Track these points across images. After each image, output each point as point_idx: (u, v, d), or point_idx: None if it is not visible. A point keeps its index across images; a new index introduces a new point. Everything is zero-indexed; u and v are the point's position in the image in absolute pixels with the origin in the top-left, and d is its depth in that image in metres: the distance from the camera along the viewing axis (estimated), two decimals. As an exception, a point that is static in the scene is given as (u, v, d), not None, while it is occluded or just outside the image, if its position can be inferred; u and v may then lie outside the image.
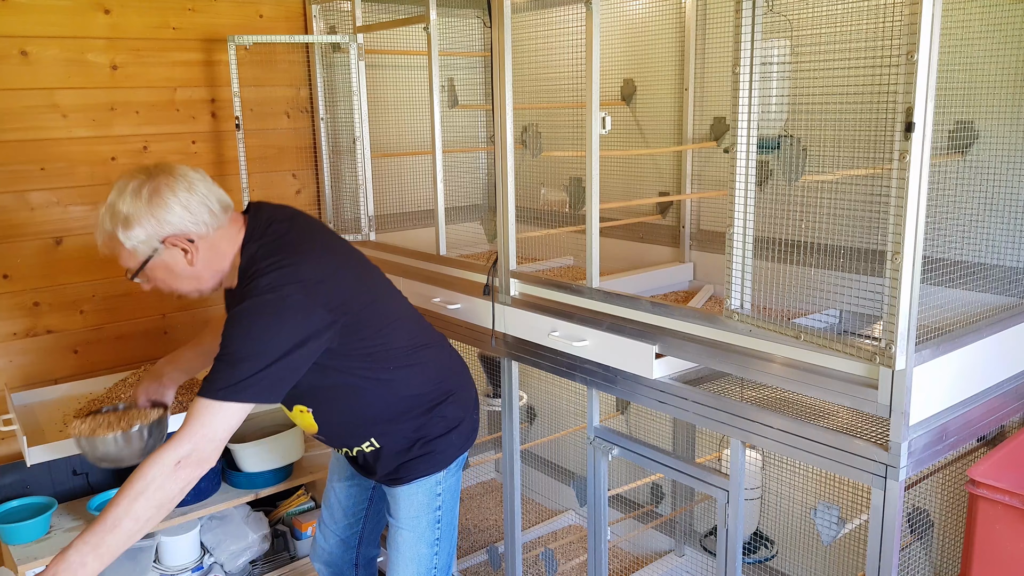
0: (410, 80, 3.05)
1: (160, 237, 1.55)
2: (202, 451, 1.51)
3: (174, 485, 1.50)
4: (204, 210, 1.57)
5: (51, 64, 2.46)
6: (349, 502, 2.08)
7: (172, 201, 1.54)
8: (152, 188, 1.53)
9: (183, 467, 1.50)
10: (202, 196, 1.57)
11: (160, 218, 1.53)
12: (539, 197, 2.71)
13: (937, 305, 1.63)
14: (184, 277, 1.62)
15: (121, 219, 1.53)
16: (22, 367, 2.53)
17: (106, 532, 1.45)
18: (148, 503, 1.48)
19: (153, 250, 1.57)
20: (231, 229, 1.64)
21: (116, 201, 1.54)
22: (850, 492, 2.01)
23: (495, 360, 2.65)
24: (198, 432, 1.50)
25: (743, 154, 1.57)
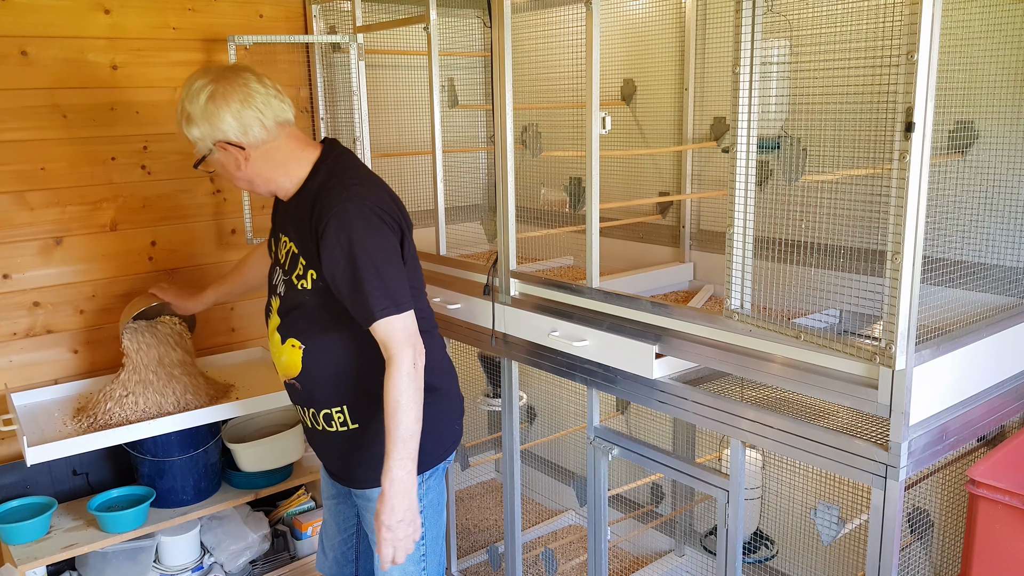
0: (410, 80, 3.05)
1: (213, 140, 1.66)
2: (416, 347, 1.65)
3: (419, 381, 1.65)
4: (256, 124, 1.65)
5: (51, 64, 2.46)
6: (339, 518, 2.03)
7: (224, 111, 1.63)
8: (209, 94, 1.63)
9: (417, 366, 1.65)
10: (256, 111, 1.65)
11: (213, 124, 1.64)
12: (539, 197, 2.71)
13: (937, 305, 1.63)
14: (236, 177, 1.73)
15: (184, 116, 1.66)
16: (22, 367, 2.53)
17: (401, 444, 1.62)
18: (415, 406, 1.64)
19: (208, 149, 1.68)
20: (291, 145, 1.72)
21: (184, 97, 1.66)
22: (850, 492, 2.01)
23: (495, 360, 2.65)
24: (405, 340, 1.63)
25: (743, 154, 1.57)
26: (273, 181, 1.74)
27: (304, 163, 1.73)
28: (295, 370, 1.78)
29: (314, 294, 1.70)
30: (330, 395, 1.77)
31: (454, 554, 2.77)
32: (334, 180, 1.68)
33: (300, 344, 1.75)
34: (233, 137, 1.66)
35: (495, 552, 2.67)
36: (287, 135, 1.71)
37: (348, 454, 1.82)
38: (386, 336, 1.63)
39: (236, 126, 1.65)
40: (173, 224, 2.75)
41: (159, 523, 2.41)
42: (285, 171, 1.72)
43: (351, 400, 1.77)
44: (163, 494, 2.47)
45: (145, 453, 2.44)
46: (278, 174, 1.72)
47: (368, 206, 1.64)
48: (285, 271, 1.75)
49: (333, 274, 1.63)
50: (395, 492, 1.61)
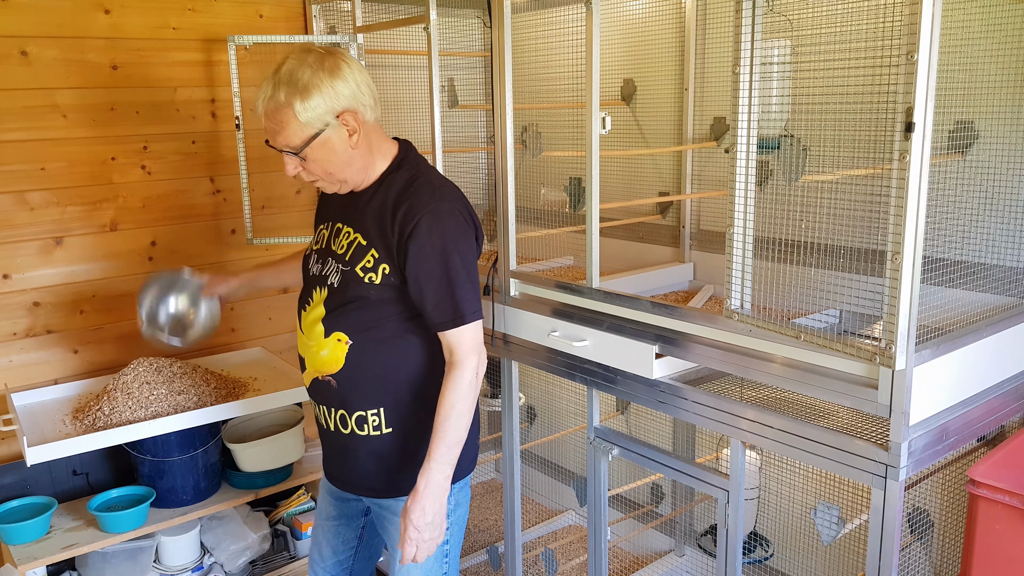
0: (410, 80, 3.05)
1: (336, 111, 1.57)
2: (482, 356, 1.67)
3: (476, 391, 1.66)
4: (371, 95, 1.62)
5: (51, 64, 2.46)
6: (337, 541, 1.95)
7: (351, 77, 1.57)
8: (333, 62, 1.57)
9: (479, 376, 1.66)
10: (369, 80, 1.62)
11: (339, 91, 1.56)
12: (539, 197, 2.71)
13: (937, 305, 1.63)
14: (339, 162, 1.63)
15: (301, 88, 1.54)
16: (22, 367, 2.53)
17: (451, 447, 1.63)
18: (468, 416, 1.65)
19: (325, 124, 1.58)
20: (381, 134, 1.70)
21: (296, 70, 1.55)
22: (850, 492, 2.01)
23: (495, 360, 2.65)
24: (473, 349, 1.64)
25: (743, 154, 1.57)
26: (367, 168, 1.68)
27: (388, 154, 1.70)
28: (335, 366, 1.70)
29: (381, 289, 1.65)
30: (369, 396, 1.70)
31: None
32: (422, 179, 1.66)
33: (347, 339, 1.68)
34: (355, 106, 1.59)
35: (495, 552, 2.67)
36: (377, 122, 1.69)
37: (375, 461, 1.75)
38: (458, 341, 1.62)
39: (358, 94, 1.59)
40: (173, 224, 2.75)
41: (159, 523, 2.41)
42: (378, 157, 1.69)
43: (389, 403, 1.71)
44: (163, 494, 2.47)
45: (145, 453, 2.44)
46: (372, 159, 1.68)
47: (460, 210, 1.64)
48: (345, 262, 1.68)
49: (418, 273, 1.60)
50: (430, 494, 1.60)
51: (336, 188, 1.70)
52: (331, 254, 1.72)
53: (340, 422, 1.74)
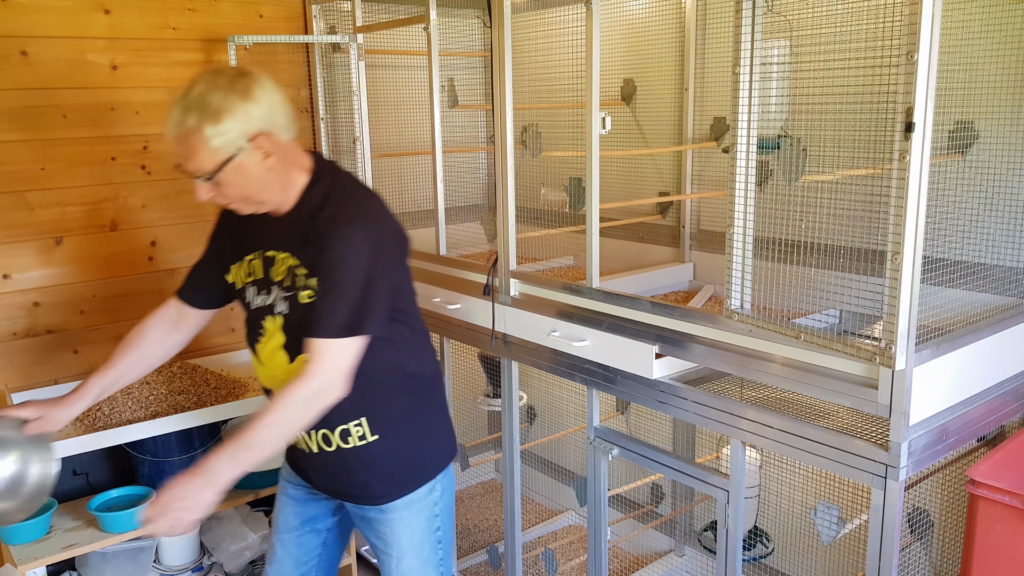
0: (410, 80, 3.05)
1: (249, 134, 1.51)
2: (335, 384, 1.54)
3: (307, 416, 1.54)
4: (285, 114, 1.56)
5: (51, 64, 2.46)
6: (300, 551, 1.89)
7: (263, 98, 1.51)
8: (245, 84, 1.51)
9: (317, 400, 1.53)
10: (283, 100, 1.56)
11: (251, 113, 1.50)
12: (539, 197, 2.71)
13: (937, 305, 1.63)
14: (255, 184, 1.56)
15: (211, 112, 1.47)
16: (22, 367, 2.53)
17: (243, 449, 1.52)
18: (282, 431, 1.55)
19: (238, 148, 1.51)
20: (297, 150, 1.63)
21: (206, 93, 1.48)
22: (850, 492, 2.01)
23: (495, 360, 2.65)
24: (330, 368, 1.53)
25: (743, 154, 1.57)
26: (283, 188, 1.61)
27: (305, 170, 1.63)
28: None
29: None
30: (348, 409, 1.65)
31: (454, 554, 2.77)
32: (340, 190, 1.61)
33: None
34: (268, 127, 1.52)
35: (495, 552, 2.67)
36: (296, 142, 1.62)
37: (367, 469, 1.72)
38: (321, 353, 1.52)
39: (272, 115, 1.53)
40: (173, 224, 2.75)
41: (159, 523, 2.41)
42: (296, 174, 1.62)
43: (370, 411, 1.68)
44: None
45: (145, 453, 2.44)
46: (289, 179, 1.61)
47: (378, 220, 1.59)
48: (287, 288, 1.63)
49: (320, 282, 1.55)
50: (198, 474, 1.50)
51: (253, 210, 1.63)
52: (272, 283, 1.66)
53: (323, 441, 1.71)
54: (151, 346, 1.83)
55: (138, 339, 1.83)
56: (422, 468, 1.76)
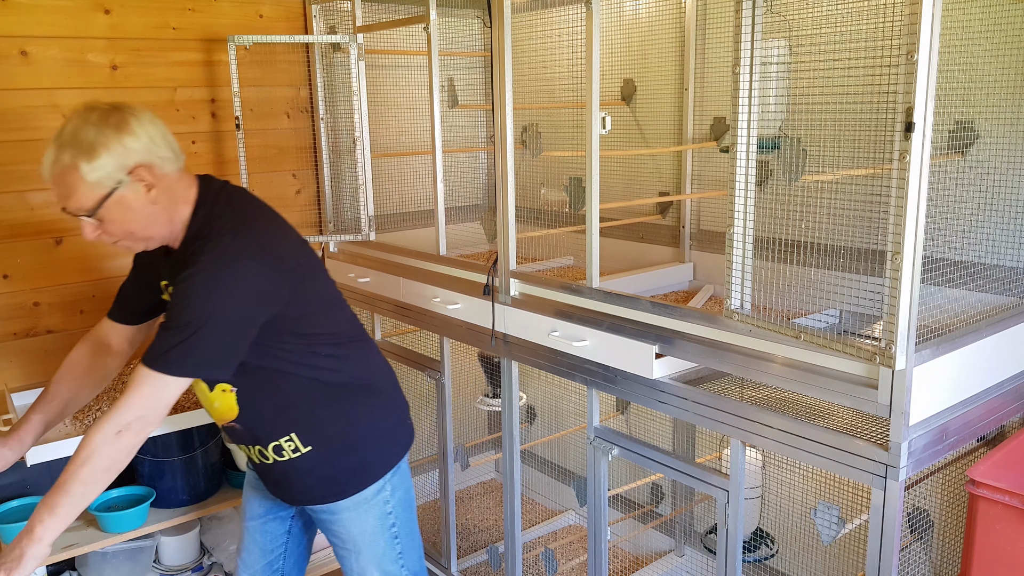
0: (410, 80, 3.05)
1: (127, 167, 1.47)
2: (145, 419, 1.50)
3: (117, 452, 1.50)
4: (167, 145, 1.52)
5: (51, 64, 2.46)
6: (265, 539, 1.93)
7: (139, 130, 1.48)
8: (119, 117, 1.48)
9: (125, 434, 1.49)
10: (164, 132, 1.53)
11: (128, 146, 1.47)
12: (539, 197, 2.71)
13: (937, 305, 1.63)
14: (140, 219, 1.53)
15: (86, 147, 1.45)
16: (22, 367, 2.53)
17: (60, 495, 1.48)
18: (94, 469, 1.49)
19: (117, 183, 1.48)
20: (185, 181, 1.58)
21: (79, 130, 1.46)
22: (850, 492, 2.01)
23: (495, 360, 2.65)
24: (140, 402, 1.49)
25: (743, 154, 1.57)
26: (171, 223, 1.57)
27: (190, 202, 1.59)
28: (232, 413, 1.69)
29: None
30: (276, 427, 1.69)
31: (454, 554, 2.77)
32: (214, 223, 1.55)
33: (230, 386, 1.66)
34: (148, 159, 1.49)
35: (495, 552, 2.67)
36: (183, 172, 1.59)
37: (307, 476, 1.74)
38: (138, 383, 1.48)
39: (152, 147, 1.49)
40: (173, 224, 2.74)
41: (159, 523, 2.41)
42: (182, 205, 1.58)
43: (298, 426, 1.69)
44: (163, 494, 2.47)
45: (145, 453, 2.44)
46: (177, 212, 1.57)
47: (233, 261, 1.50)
48: None
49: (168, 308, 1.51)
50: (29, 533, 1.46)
51: (143, 247, 1.61)
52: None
53: (260, 455, 1.74)
54: (86, 374, 1.81)
55: (73, 368, 1.81)
56: (364, 471, 1.76)
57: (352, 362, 1.74)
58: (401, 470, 1.83)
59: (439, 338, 2.59)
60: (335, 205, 3.00)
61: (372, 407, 1.78)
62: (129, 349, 1.87)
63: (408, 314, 2.66)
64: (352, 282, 2.88)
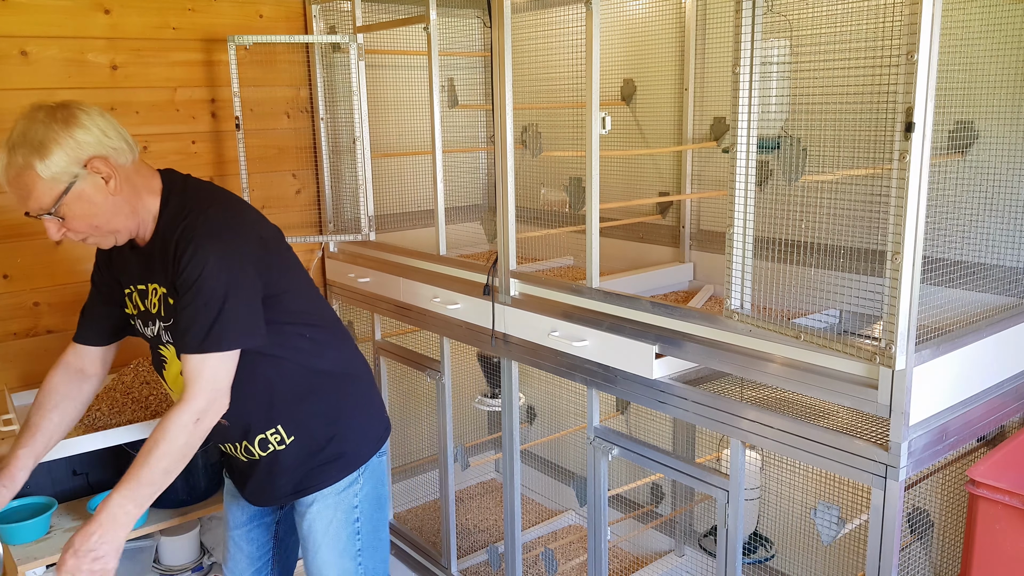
0: (410, 80, 3.05)
1: (81, 160, 1.47)
2: (216, 401, 1.55)
3: (196, 439, 1.55)
4: (119, 137, 1.52)
5: (51, 64, 2.46)
6: (251, 547, 1.92)
7: (88, 123, 1.48)
8: (66, 113, 1.47)
9: (202, 421, 1.54)
10: (114, 124, 1.53)
11: (79, 139, 1.46)
12: (539, 197, 2.71)
13: (937, 305, 1.63)
14: (103, 212, 1.53)
15: (36, 146, 1.44)
16: (22, 367, 2.53)
17: (144, 487, 1.53)
18: (176, 458, 1.54)
19: (73, 176, 1.47)
20: (145, 172, 1.60)
21: (27, 130, 1.46)
22: (850, 492, 2.01)
23: (495, 360, 2.65)
24: (207, 387, 1.53)
25: (743, 154, 1.57)
26: (136, 215, 1.58)
27: (156, 193, 1.60)
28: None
29: None
30: (260, 420, 1.69)
31: (454, 554, 2.77)
32: (190, 205, 1.57)
33: None
34: (103, 151, 1.49)
35: (495, 552, 2.67)
36: (139, 163, 1.58)
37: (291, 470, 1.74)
38: (196, 371, 1.52)
39: (103, 138, 1.49)
40: (173, 224, 2.74)
41: (159, 523, 2.41)
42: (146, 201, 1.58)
43: (283, 418, 1.70)
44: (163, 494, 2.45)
45: (145, 453, 2.44)
46: (141, 204, 1.57)
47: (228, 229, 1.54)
48: (164, 318, 1.63)
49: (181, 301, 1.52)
50: (102, 523, 1.50)
51: (112, 241, 1.60)
52: (150, 316, 1.67)
53: (246, 452, 1.74)
54: (66, 402, 1.79)
55: (50, 398, 1.78)
56: (340, 463, 1.75)
57: (333, 348, 1.75)
58: (374, 465, 1.81)
59: (439, 338, 2.59)
60: (335, 205, 3.00)
61: (354, 396, 1.78)
62: (103, 369, 1.85)
63: (408, 314, 2.66)
64: (352, 282, 2.88)
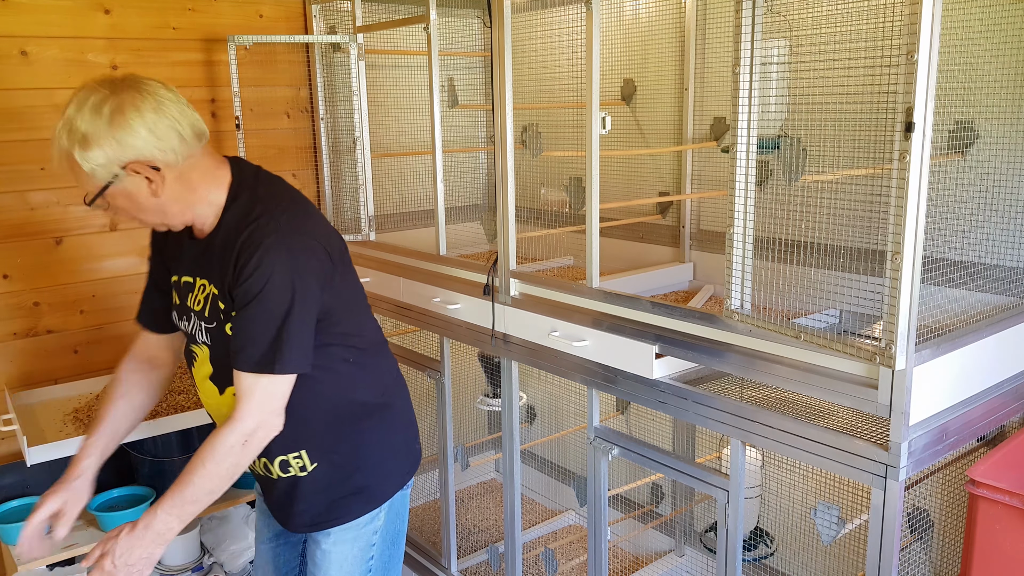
0: (410, 80, 3.05)
1: (121, 162, 1.37)
2: (267, 423, 1.47)
3: (245, 459, 1.47)
4: (173, 135, 1.39)
5: (51, 64, 2.46)
6: (279, 562, 1.83)
7: (137, 123, 1.35)
8: (115, 106, 1.35)
9: (251, 442, 1.46)
10: (172, 119, 1.39)
11: (122, 141, 1.35)
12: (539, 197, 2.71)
13: (937, 305, 1.63)
14: (147, 209, 1.45)
15: (79, 138, 1.35)
16: (22, 367, 2.53)
17: (189, 504, 1.47)
18: (221, 480, 1.47)
19: (113, 175, 1.38)
20: (207, 162, 1.47)
21: (74, 117, 1.35)
22: (850, 492, 2.01)
23: (495, 360, 2.65)
24: (257, 409, 1.44)
25: (743, 154, 1.57)
26: (190, 209, 1.47)
27: (222, 185, 1.49)
28: None
29: None
30: (285, 441, 1.55)
31: (454, 554, 2.77)
32: (260, 208, 1.45)
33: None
34: (147, 155, 1.37)
35: (495, 552, 2.67)
36: (203, 151, 1.47)
37: (307, 498, 1.64)
38: (248, 390, 1.44)
39: (151, 141, 1.37)
40: (173, 224, 2.74)
41: (159, 523, 2.41)
42: (206, 194, 1.47)
43: (308, 442, 1.59)
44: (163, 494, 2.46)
45: (145, 453, 2.44)
46: (197, 198, 1.46)
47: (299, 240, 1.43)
48: (207, 319, 1.52)
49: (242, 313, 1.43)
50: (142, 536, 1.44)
51: (163, 228, 1.52)
52: (191, 312, 1.56)
53: (265, 469, 1.64)
54: (134, 391, 1.69)
55: (118, 387, 1.69)
56: (364, 497, 1.66)
57: (372, 374, 1.65)
58: (397, 502, 1.71)
59: (439, 338, 2.59)
60: (335, 205, 3.00)
61: (385, 427, 1.67)
62: (173, 357, 1.75)
63: (408, 314, 2.66)
64: (352, 282, 2.87)
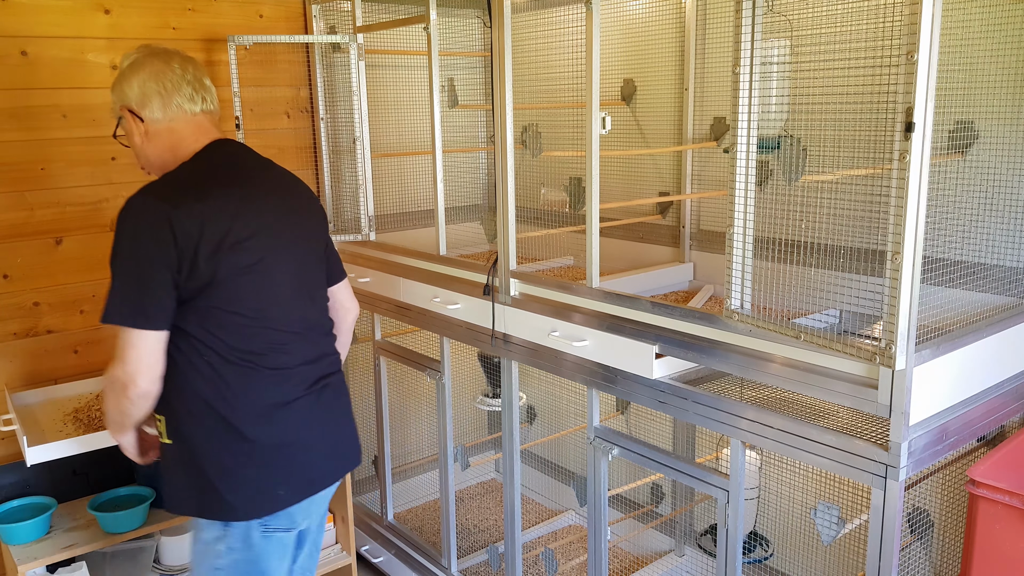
0: (410, 80, 3.05)
1: (120, 104, 1.70)
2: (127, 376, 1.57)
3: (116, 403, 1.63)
4: (156, 100, 1.67)
5: (51, 64, 2.46)
6: None
7: (133, 79, 1.67)
8: (131, 63, 1.70)
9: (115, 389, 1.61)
10: (160, 85, 1.67)
11: (121, 88, 1.69)
12: (539, 197, 2.71)
13: (937, 305, 1.63)
14: (141, 153, 1.73)
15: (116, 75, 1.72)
16: (22, 367, 2.53)
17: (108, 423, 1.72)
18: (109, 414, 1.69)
19: (118, 114, 1.72)
20: (189, 134, 1.70)
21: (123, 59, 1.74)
22: (850, 492, 2.01)
23: (495, 360, 2.65)
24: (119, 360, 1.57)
25: (743, 154, 1.57)
26: (161, 167, 1.71)
27: (186, 156, 1.69)
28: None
29: None
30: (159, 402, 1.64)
31: (454, 554, 2.77)
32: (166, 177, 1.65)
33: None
34: (134, 105, 1.68)
35: (495, 552, 2.67)
36: (189, 124, 1.69)
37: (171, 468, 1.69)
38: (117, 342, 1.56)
39: (137, 94, 1.67)
40: (173, 224, 2.74)
41: (159, 523, 2.41)
42: (172, 158, 1.69)
43: (166, 411, 1.65)
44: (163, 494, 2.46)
45: (145, 453, 2.44)
46: (172, 158, 1.69)
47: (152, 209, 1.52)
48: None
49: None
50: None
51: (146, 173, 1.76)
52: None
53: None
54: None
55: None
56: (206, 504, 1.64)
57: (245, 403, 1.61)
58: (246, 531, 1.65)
59: (439, 338, 2.59)
60: (335, 205, 3.00)
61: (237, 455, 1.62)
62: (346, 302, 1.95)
63: (408, 314, 2.66)
64: (352, 282, 2.87)
